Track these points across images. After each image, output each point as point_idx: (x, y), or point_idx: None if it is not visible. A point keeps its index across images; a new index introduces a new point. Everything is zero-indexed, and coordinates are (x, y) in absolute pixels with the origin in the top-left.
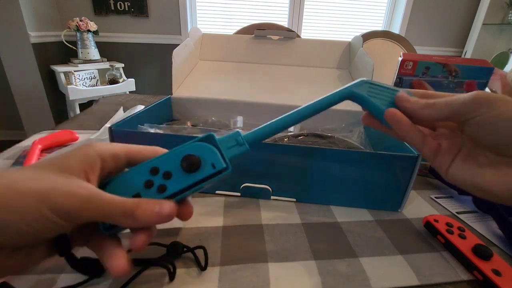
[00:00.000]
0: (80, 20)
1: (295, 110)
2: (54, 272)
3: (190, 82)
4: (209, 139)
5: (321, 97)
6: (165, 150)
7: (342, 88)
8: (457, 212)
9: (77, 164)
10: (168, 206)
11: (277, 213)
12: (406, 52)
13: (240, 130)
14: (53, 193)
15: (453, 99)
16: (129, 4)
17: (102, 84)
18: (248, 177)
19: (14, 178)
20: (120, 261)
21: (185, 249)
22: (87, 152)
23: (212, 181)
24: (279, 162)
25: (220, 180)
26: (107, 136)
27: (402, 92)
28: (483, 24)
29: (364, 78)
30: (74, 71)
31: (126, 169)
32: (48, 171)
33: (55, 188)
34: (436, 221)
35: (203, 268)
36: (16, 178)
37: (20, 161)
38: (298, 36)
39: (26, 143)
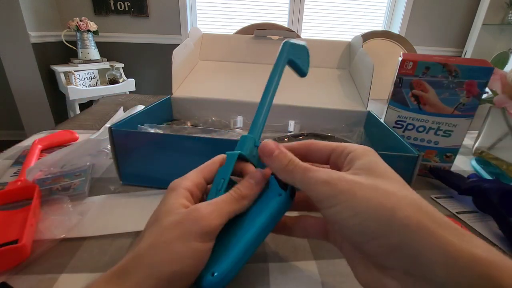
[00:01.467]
0: (80, 20)
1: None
2: (54, 272)
3: (190, 82)
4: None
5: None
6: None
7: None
8: (457, 212)
9: (175, 201)
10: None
11: None
12: (406, 52)
13: (244, 135)
14: (187, 228)
15: (309, 176)
16: (129, 4)
17: (102, 84)
18: None
19: (146, 243)
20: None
21: None
22: (177, 191)
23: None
24: None
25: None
26: (107, 136)
27: (268, 141)
28: (483, 24)
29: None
30: (74, 71)
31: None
32: (162, 221)
33: (184, 225)
34: None
35: None
36: (149, 241)
37: (20, 161)
38: (298, 36)
39: (26, 143)
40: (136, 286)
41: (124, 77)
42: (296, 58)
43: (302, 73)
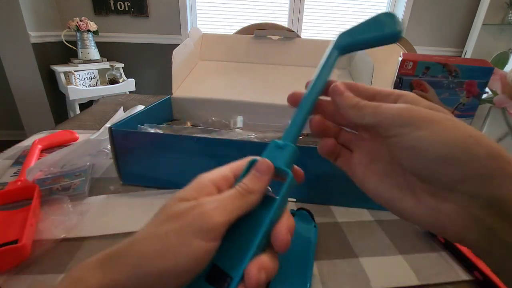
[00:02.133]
0: (80, 20)
1: (307, 92)
2: (54, 272)
3: (190, 82)
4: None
5: (318, 70)
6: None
7: (328, 52)
8: None
9: (194, 191)
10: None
11: None
12: (406, 52)
13: (274, 140)
14: (188, 223)
15: (382, 108)
16: (129, 4)
17: (102, 84)
18: None
19: (146, 231)
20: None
21: None
22: (201, 181)
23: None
24: None
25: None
26: (107, 136)
27: (338, 83)
28: (483, 24)
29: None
30: (74, 71)
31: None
32: (166, 213)
33: (186, 219)
34: None
35: None
36: (148, 229)
37: (20, 161)
38: (298, 36)
39: (26, 143)
40: (120, 274)
41: (124, 77)
42: (355, 37)
43: (387, 37)
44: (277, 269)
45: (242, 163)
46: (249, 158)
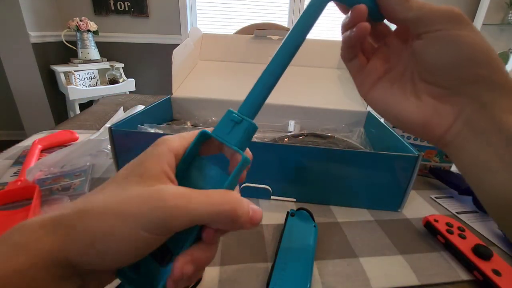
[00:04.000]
0: (80, 20)
1: (279, 48)
2: None
3: (190, 82)
4: (204, 137)
5: (300, 17)
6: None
7: None
8: (457, 212)
9: (154, 166)
10: (259, 213)
11: (277, 213)
12: None
13: (230, 108)
14: (142, 213)
15: (429, 5)
16: (129, 4)
17: (102, 84)
18: (248, 177)
19: (101, 203)
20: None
21: None
22: (161, 152)
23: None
24: (279, 162)
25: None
26: (107, 136)
27: None
28: (483, 24)
29: None
30: (74, 71)
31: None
32: (130, 184)
33: (141, 208)
34: (436, 221)
35: None
36: (104, 202)
37: (20, 161)
38: None
39: (26, 143)
40: (74, 245)
41: (124, 77)
42: None
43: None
44: (212, 258)
45: (193, 134)
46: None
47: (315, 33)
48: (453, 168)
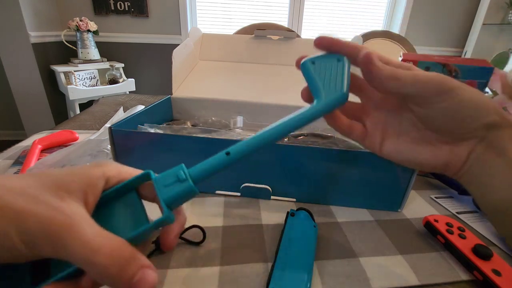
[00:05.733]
0: (80, 20)
1: (255, 134)
2: None
3: (190, 82)
4: (147, 178)
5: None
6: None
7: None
8: (457, 212)
9: (78, 182)
10: (152, 277)
11: (277, 213)
12: (406, 52)
13: (183, 164)
14: (25, 214)
15: (421, 77)
16: (129, 4)
17: (102, 84)
18: (248, 177)
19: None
20: None
21: None
22: (93, 172)
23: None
24: (279, 162)
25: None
26: (107, 136)
27: (370, 52)
28: (483, 24)
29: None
30: (74, 71)
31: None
32: (42, 187)
33: (31, 209)
34: (436, 221)
35: (200, 243)
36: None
37: (20, 161)
38: (298, 36)
39: (26, 143)
40: None
41: (124, 77)
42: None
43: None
44: None
45: (136, 172)
46: (136, 172)
47: (315, 33)
48: None
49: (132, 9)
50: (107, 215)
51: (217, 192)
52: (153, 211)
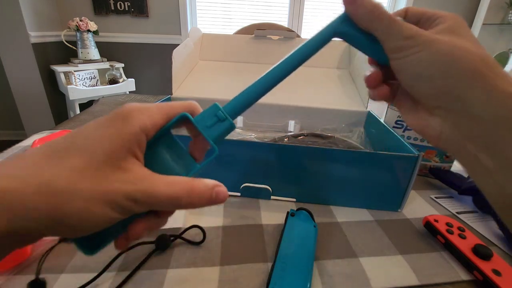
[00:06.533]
0: (80, 20)
1: (275, 65)
2: (54, 272)
3: (190, 82)
4: (184, 120)
5: (303, 44)
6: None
7: (323, 28)
8: (457, 212)
9: (123, 145)
10: (223, 191)
11: (277, 213)
12: None
13: (217, 103)
14: (113, 194)
15: (394, 26)
16: (129, 4)
17: (102, 84)
18: (248, 177)
19: (66, 183)
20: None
21: (172, 237)
22: (133, 131)
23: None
24: (279, 162)
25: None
26: None
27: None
28: (483, 24)
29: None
30: (74, 71)
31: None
32: (98, 163)
33: (114, 190)
34: (436, 221)
35: (200, 243)
36: (70, 183)
37: None
38: (298, 36)
39: (26, 143)
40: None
41: (124, 77)
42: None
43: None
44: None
45: (174, 109)
46: (181, 108)
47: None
48: (453, 168)
49: (132, 9)
50: (157, 162)
51: None
52: None
